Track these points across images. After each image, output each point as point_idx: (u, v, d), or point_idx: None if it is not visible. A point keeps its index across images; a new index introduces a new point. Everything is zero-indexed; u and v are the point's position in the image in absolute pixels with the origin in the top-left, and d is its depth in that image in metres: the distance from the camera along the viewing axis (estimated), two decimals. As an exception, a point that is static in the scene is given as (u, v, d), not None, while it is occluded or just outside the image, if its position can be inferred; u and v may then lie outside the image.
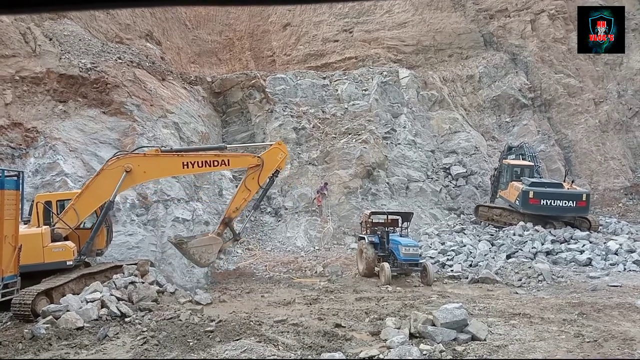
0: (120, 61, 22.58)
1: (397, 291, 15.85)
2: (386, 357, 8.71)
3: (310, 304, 13.91)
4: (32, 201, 14.23)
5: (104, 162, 15.00)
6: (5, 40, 19.66)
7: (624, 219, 27.49)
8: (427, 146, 29.37)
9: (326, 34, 35.23)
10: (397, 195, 26.57)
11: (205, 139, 23.86)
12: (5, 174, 11.21)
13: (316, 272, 19.62)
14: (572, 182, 25.83)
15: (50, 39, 21.33)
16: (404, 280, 17.85)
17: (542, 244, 20.61)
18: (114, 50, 23.75)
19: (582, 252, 19.83)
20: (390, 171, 27.27)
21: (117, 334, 10.21)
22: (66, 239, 13.54)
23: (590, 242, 20.66)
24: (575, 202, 23.16)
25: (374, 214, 19.77)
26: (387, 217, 19.59)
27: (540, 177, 25.43)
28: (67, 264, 13.09)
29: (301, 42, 35.22)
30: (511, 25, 34.96)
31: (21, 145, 18.09)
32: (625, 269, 18.30)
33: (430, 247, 21.65)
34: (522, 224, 23.14)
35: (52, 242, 13.11)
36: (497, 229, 24.23)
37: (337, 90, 29.72)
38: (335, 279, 18.58)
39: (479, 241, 21.90)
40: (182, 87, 25.76)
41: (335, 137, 27.19)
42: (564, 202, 22.95)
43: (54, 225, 13.69)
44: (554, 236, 21.38)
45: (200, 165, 14.98)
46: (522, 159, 26.58)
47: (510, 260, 19.15)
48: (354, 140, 26.82)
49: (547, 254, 19.96)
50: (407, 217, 19.31)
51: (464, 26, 34.88)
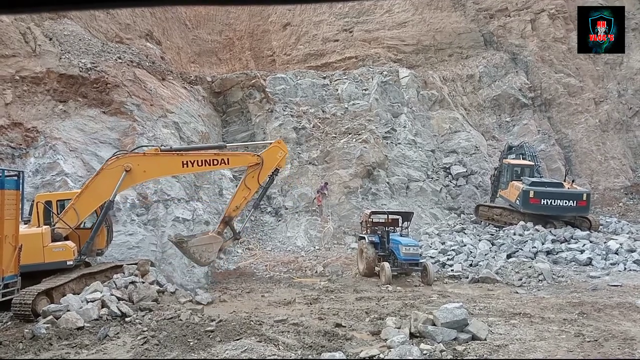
0: (120, 61, 22.57)
1: (397, 291, 15.87)
2: (386, 357, 8.71)
3: (310, 304, 13.92)
4: (32, 201, 14.23)
5: (104, 162, 15.01)
6: (5, 40, 19.66)
7: (625, 218, 27.51)
8: (427, 146, 29.36)
9: (326, 33, 35.21)
10: (398, 194, 26.56)
11: (205, 139, 23.82)
12: (5, 174, 11.22)
13: (316, 272, 19.62)
14: (573, 181, 25.83)
15: (50, 39, 21.32)
16: (404, 279, 17.86)
17: (543, 244, 20.61)
18: (114, 50, 23.73)
19: (582, 251, 19.83)
20: (390, 171, 27.25)
21: (118, 333, 10.23)
22: (66, 238, 13.54)
23: (590, 242, 20.66)
24: (575, 201, 23.17)
25: (374, 213, 19.77)
26: (388, 216, 19.59)
27: (540, 177, 25.41)
28: (68, 263, 13.10)
29: (301, 42, 35.20)
30: (511, 24, 34.94)
31: (21, 145, 18.08)
32: (625, 269, 18.30)
33: (430, 247, 21.65)
34: (522, 223, 23.14)
35: (52, 242, 13.13)
36: (498, 229, 24.21)
37: (337, 89, 29.69)
38: (335, 278, 18.58)
39: (479, 241, 21.89)
40: (182, 87, 25.75)
41: (335, 137, 27.17)
42: (565, 201, 22.96)
43: (54, 225, 13.69)
44: (555, 236, 21.38)
45: (200, 164, 14.95)
46: (523, 159, 26.58)
47: (510, 259, 19.13)
48: (354, 139, 26.80)
49: (548, 253, 19.96)
50: (407, 216, 19.31)
51: (464, 26, 34.86)
